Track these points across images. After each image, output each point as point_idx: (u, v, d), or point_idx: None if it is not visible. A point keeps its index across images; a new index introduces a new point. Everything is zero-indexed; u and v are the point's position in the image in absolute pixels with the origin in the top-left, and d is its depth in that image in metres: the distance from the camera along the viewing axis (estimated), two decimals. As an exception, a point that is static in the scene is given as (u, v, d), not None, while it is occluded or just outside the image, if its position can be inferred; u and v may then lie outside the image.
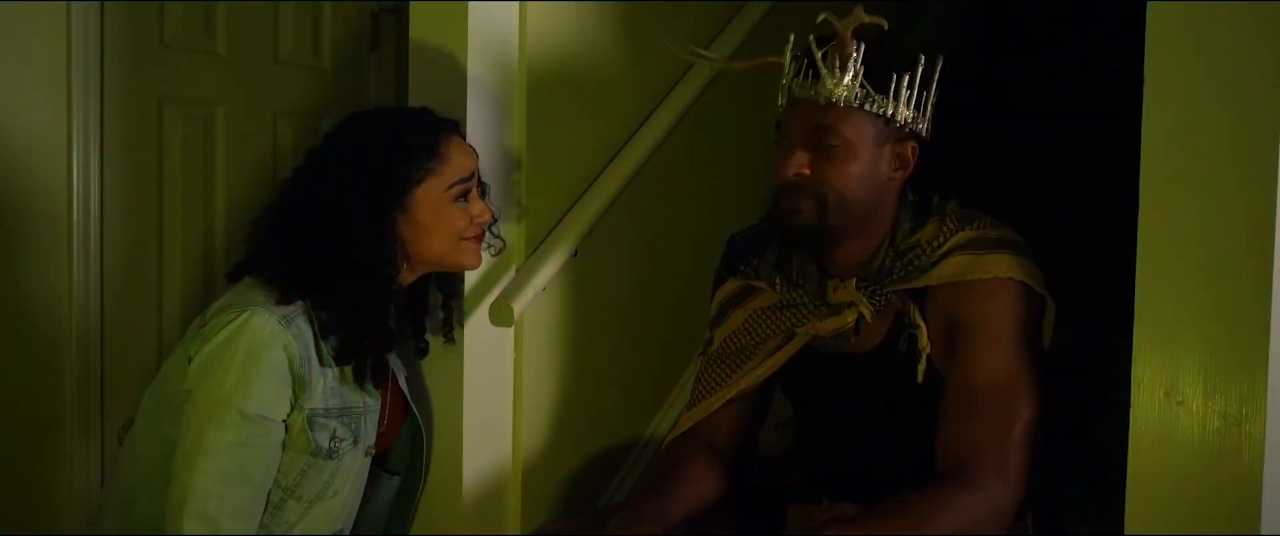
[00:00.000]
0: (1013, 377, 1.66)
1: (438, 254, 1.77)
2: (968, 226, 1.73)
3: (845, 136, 1.67)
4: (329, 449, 1.72)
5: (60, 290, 2.22)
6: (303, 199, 1.73)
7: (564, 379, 2.18)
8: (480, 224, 1.78)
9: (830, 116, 1.66)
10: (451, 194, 1.74)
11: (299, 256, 1.71)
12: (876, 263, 1.76)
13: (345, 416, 1.74)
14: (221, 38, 2.46)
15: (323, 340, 1.71)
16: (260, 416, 1.64)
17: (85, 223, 2.24)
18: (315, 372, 1.69)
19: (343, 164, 1.72)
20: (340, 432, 1.73)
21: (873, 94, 1.66)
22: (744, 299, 1.89)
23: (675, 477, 1.80)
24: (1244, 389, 1.25)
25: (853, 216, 1.71)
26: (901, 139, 1.71)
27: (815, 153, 1.68)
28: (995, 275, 1.68)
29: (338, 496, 1.78)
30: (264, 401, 1.64)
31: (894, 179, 1.73)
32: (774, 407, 2.01)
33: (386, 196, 1.71)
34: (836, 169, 1.67)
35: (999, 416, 1.64)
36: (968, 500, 1.61)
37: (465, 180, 1.76)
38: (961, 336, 1.69)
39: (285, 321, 1.66)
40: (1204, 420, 1.27)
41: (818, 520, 1.77)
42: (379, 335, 1.75)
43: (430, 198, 1.73)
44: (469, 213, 1.77)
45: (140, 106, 2.33)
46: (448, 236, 1.75)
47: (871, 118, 1.67)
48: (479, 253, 1.81)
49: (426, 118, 1.78)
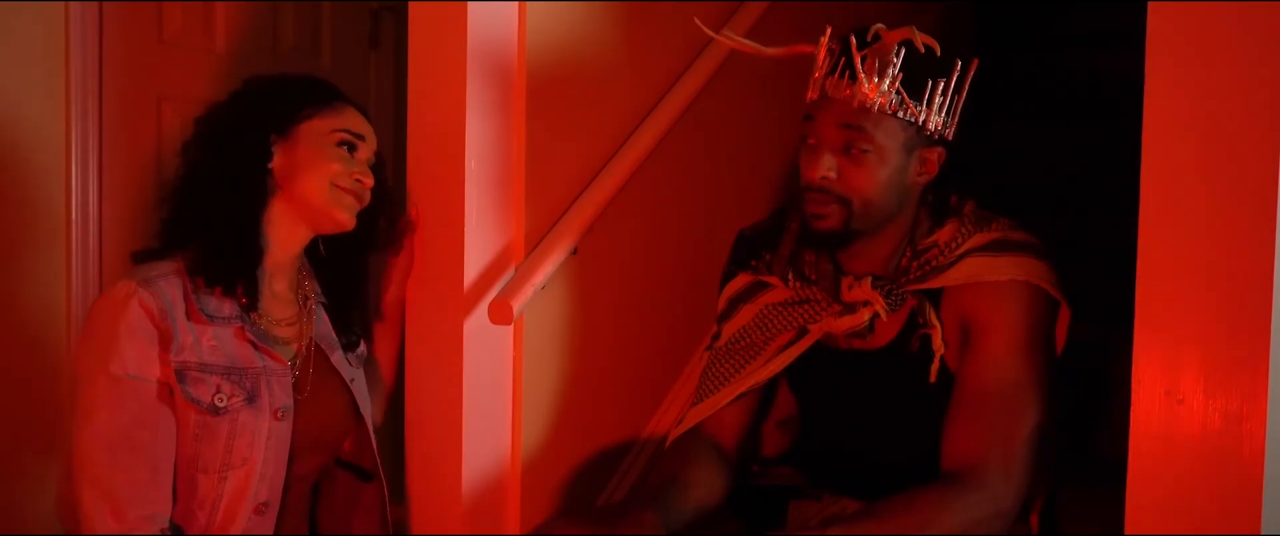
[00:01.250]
0: (1022, 380, 1.66)
1: (310, 193, 1.78)
2: (985, 228, 1.73)
3: (877, 142, 1.66)
4: (211, 404, 1.71)
5: (59, 287, 2.22)
6: (190, 147, 1.80)
7: (563, 377, 2.18)
8: (358, 183, 1.80)
9: (863, 120, 1.65)
10: (335, 137, 1.79)
11: (179, 199, 1.78)
12: (893, 261, 1.75)
13: (233, 374, 1.73)
14: (220, 36, 2.45)
15: (197, 294, 1.73)
16: (128, 376, 1.67)
17: (84, 220, 2.24)
18: (182, 327, 1.70)
19: (234, 100, 1.83)
20: (226, 389, 1.72)
21: (908, 101, 1.65)
22: (754, 294, 1.88)
23: (680, 480, 1.79)
24: (1245, 387, 1.25)
25: (877, 220, 1.71)
26: (929, 145, 1.70)
27: (844, 156, 1.67)
28: (1011, 278, 1.68)
29: (248, 464, 1.74)
30: (127, 360, 1.67)
31: (918, 183, 1.73)
32: (777, 403, 2.01)
33: (273, 120, 1.78)
34: (865, 175, 1.67)
35: (1006, 418, 1.64)
36: (971, 499, 1.61)
37: (353, 134, 1.81)
38: (974, 337, 1.69)
39: (145, 283, 1.70)
40: (1205, 419, 1.27)
41: (818, 516, 1.77)
42: (239, 250, 1.76)
43: (314, 132, 1.79)
44: (346, 168, 1.80)
45: (139, 104, 2.33)
46: (322, 177, 1.78)
47: (903, 124, 1.67)
48: (353, 211, 1.81)
49: (333, 85, 1.87)
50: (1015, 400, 1.65)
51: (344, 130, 1.81)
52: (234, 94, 1.84)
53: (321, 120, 1.80)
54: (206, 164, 1.77)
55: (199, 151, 1.79)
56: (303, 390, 1.81)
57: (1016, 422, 1.64)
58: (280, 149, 1.79)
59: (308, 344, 1.85)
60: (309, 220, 1.81)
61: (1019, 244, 1.71)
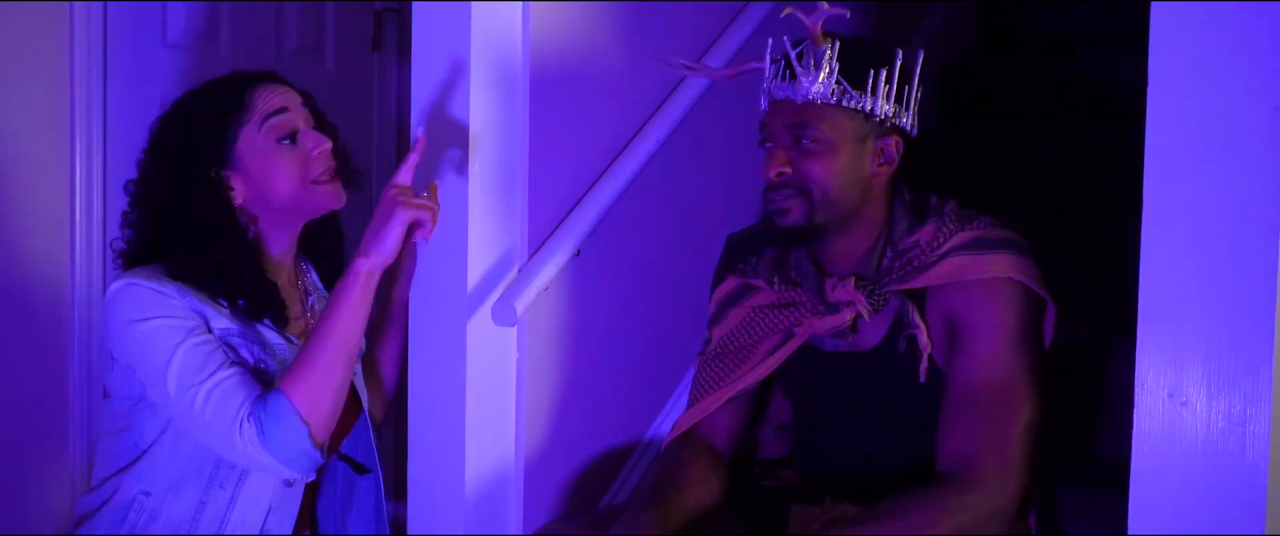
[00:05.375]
0: (1013, 378, 1.66)
1: (290, 200, 1.76)
2: (967, 226, 1.73)
3: (824, 133, 1.68)
4: (255, 367, 1.73)
5: (63, 290, 2.22)
6: (141, 184, 1.78)
7: (566, 379, 2.18)
8: (322, 158, 1.76)
9: (808, 114, 1.69)
10: (268, 135, 1.74)
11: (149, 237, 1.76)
12: (874, 261, 1.76)
13: (265, 351, 1.75)
14: (224, 38, 2.46)
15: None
16: (183, 317, 1.68)
17: (87, 222, 2.25)
18: (211, 310, 1.71)
19: (163, 137, 1.77)
20: (264, 362, 1.75)
21: (849, 90, 1.68)
22: (742, 297, 1.89)
23: (675, 482, 1.79)
24: (1248, 389, 1.25)
25: (840, 212, 1.72)
26: (883, 134, 1.72)
27: (796, 151, 1.70)
28: (995, 275, 1.69)
29: None
30: (175, 308, 1.68)
31: (879, 173, 1.74)
32: (774, 409, 2.02)
33: (208, 156, 1.73)
34: (817, 165, 1.69)
35: (999, 416, 1.64)
36: (967, 500, 1.61)
37: (276, 114, 1.75)
38: (961, 336, 1.69)
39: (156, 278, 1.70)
40: (1207, 421, 1.27)
41: (819, 520, 1.78)
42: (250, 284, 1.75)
43: (250, 146, 1.74)
44: (301, 152, 1.76)
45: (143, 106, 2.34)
46: (289, 181, 1.75)
47: (849, 113, 1.69)
48: (338, 191, 1.79)
49: (234, 76, 1.81)
50: (1007, 398, 1.65)
51: (269, 117, 1.74)
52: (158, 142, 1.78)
53: (247, 126, 1.75)
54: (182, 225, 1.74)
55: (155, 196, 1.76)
56: None
57: (1009, 421, 1.64)
58: (235, 180, 1.75)
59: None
60: (299, 219, 1.80)
61: (1001, 241, 1.71)
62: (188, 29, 2.40)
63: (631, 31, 2.26)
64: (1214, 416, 1.27)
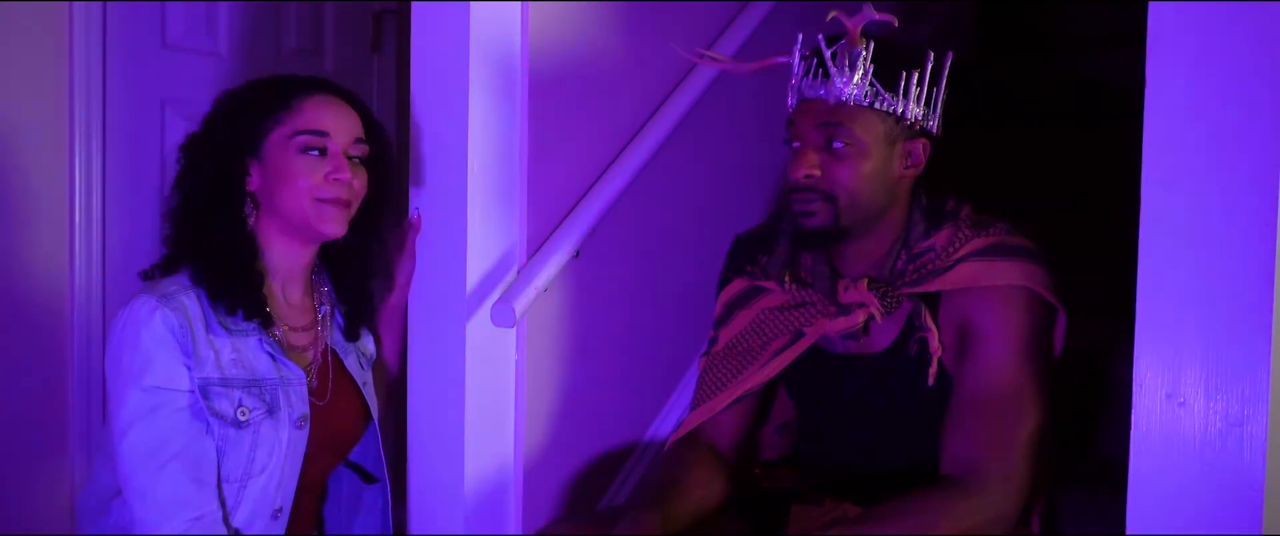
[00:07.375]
0: (1021, 385, 1.66)
1: (295, 209, 1.75)
2: (984, 232, 1.73)
3: (856, 135, 1.66)
4: (235, 418, 1.71)
5: (62, 291, 2.22)
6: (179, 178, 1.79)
7: (566, 379, 2.18)
8: (336, 185, 1.75)
9: (840, 115, 1.67)
10: (296, 143, 1.74)
11: (176, 226, 1.77)
12: (889, 263, 1.75)
13: (253, 387, 1.74)
14: (223, 39, 2.46)
15: (213, 307, 1.73)
16: (157, 387, 1.67)
17: (87, 223, 2.25)
18: (203, 342, 1.70)
19: (206, 126, 1.79)
20: (248, 402, 1.73)
21: (882, 92, 1.66)
22: (751, 299, 1.88)
23: (679, 483, 1.79)
24: (1245, 390, 1.25)
25: (865, 216, 1.71)
26: (912, 137, 1.71)
27: (826, 153, 1.68)
28: (1010, 283, 1.68)
29: (266, 472, 1.75)
30: (156, 373, 1.67)
31: (905, 177, 1.73)
32: (776, 408, 2.01)
33: (241, 143, 1.75)
34: (848, 169, 1.67)
35: (1006, 422, 1.64)
36: (971, 504, 1.61)
37: (312, 133, 1.74)
38: (972, 342, 1.69)
39: (164, 298, 1.69)
40: (1205, 421, 1.27)
41: (820, 521, 1.78)
42: (235, 274, 1.75)
43: (278, 144, 1.75)
44: (320, 169, 1.75)
45: (142, 107, 2.34)
46: (300, 191, 1.74)
47: (881, 116, 1.67)
48: (340, 220, 1.77)
49: (288, 77, 1.82)
50: (1014, 404, 1.65)
51: (304, 133, 1.74)
52: (206, 117, 1.80)
53: (281, 128, 1.74)
54: (191, 193, 1.76)
55: (184, 179, 1.78)
56: (322, 396, 1.82)
57: (1016, 427, 1.64)
58: (256, 169, 1.76)
59: (324, 350, 1.85)
60: (299, 234, 1.79)
61: (1017, 249, 1.71)
62: (187, 29, 2.40)
63: (630, 32, 2.26)
64: (1212, 417, 1.27)
